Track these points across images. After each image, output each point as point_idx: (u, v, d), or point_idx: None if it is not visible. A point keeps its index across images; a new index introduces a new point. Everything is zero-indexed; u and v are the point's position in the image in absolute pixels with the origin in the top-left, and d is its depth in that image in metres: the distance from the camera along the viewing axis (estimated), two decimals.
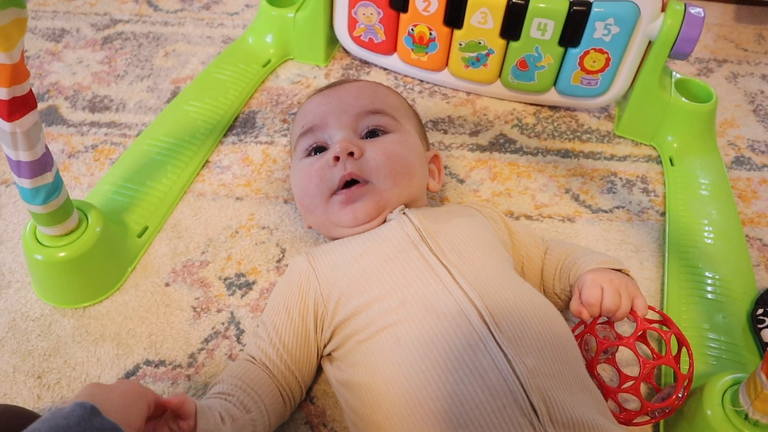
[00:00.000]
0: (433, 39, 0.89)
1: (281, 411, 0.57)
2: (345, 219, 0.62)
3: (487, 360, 0.49)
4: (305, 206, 0.66)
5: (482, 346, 0.50)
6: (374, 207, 0.62)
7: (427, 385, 0.49)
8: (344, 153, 0.62)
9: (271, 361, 0.57)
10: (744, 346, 0.67)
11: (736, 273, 0.74)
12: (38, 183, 0.58)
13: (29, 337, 0.65)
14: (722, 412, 0.54)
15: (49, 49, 1.03)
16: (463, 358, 0.49)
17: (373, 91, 0.70)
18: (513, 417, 0.47)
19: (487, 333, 0.51)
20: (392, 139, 0.65)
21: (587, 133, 0.93)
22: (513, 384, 0.48)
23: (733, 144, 0.93)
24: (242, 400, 0.53)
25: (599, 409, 0.52)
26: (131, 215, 0.75)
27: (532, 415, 0.47)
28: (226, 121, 0.89)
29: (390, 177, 0.62)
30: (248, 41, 1.02)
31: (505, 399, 0.47)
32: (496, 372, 0.49)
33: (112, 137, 0.88)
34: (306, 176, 0.65)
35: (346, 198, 0.62)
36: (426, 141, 0.74)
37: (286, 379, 0.57)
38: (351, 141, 0.63)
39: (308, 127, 0.67)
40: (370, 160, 0.63)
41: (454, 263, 0.56)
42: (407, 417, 0.49)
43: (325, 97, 0.69)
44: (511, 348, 0.50)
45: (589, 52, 0.84)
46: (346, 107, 0.66)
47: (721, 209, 0.81)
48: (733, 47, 1.13)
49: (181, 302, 0.69)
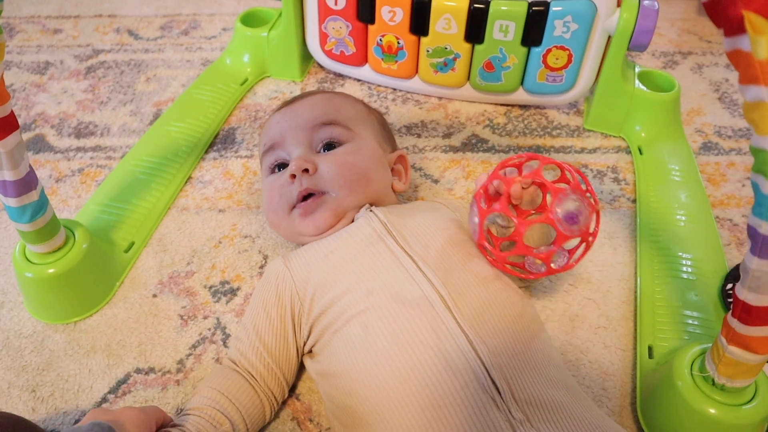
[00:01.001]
0: (401, 47, 0.92)
1: (260, 415, 0.59)
2: (307, 229, 0.66)
3: (450, 341, 0.52)
4: (271, 221, 0.70)
5: (445, 329, 0.52)
6: (332, 215, 0.65)
7: (395, 369, 0.51)
8: (299, 171, 0.66)
9: (251, 363, 0.59)
10: (716, 321, 0.68)
11: (707, 252, 0.76)
12: (24, 201, 0.60)
13: (23, 353, 0.67)
14: (691, 380, 0.55)
15: (34, 81, 1.06)
16: (428, 341, 0.52)
17: (327, 103, 0.73)
18: (476, 395, 0.49)
19: (449, 317, 0.53)
20: (346, 149, 0.68)
21: (557, 128, 0.95)
22: (474, 363, 0.50)
23: (701, 131, 0.96)
24: (212, 415, 0.54)
25: (564, 383, 0.54)
26: (118, 232, 0.77)
27: (495, 393, 0.49)
28: (207, 139, 0.92)
29: (345, 186, 0.66)
30: (226, 62, 1.05)
31: (468, 377, 0.49)
32: (458, 352, 0.51)
33: (98, 160, 0.90)
34: (269, 194, 0.69)
35: (304, 211, 0.66)
36: (391, 143, 0.77)
37: (265, 380, 0.59)
38: (305, 158, 0.67)
39: (269, 144, 0.71)
40: (324, 174, 0.66)
41: (418, 253, 0.59)
42: (379, 401, 0.51)
43: (283, 115, 0.73)
44: (472, 330, 0.52)
45: (551, 49, 0.87)
46: (300, 123, 0.70)
47: (690, 193, 0.83)
48: (696, 39, 1.16)
49: (169, 311, 0.71)
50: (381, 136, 0.74)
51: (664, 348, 0.66)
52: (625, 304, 0.72)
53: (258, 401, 0.58)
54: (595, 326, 0.69)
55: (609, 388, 0.64)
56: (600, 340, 0.68)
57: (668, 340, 0.67)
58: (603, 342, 0.68)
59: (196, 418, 0.54)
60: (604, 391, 0.64)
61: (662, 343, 0.67)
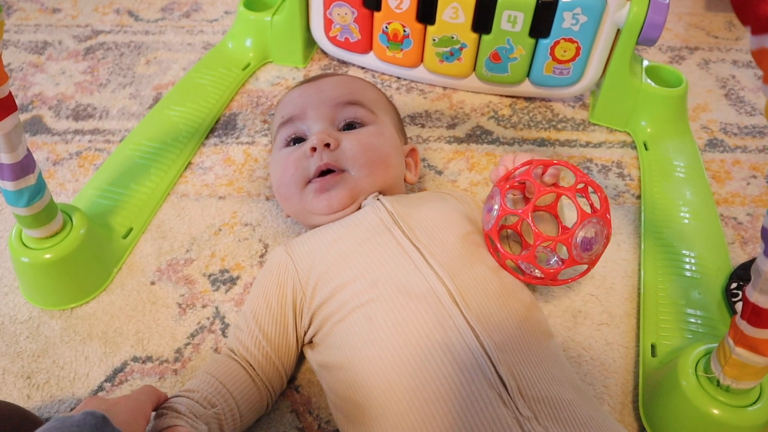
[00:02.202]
0: (407, 36, 0.91)
1: (256, 402, 0.57)
2: (319, 207, 0.64)
3: (456, 336, 0.51)
4: (281, 195, 0.68)
5: (451, 323, 0.51)
6: (348, 194, 0.63)
7: (399, 362, 0.50)
8: (321, 144, 0.64)
9: (250, 352, 0.58)
10: (719, 320, 0.68)
11: (711, 250, 0.75)
12: (21, 185, 0.59)
13: (18, 339, 0.66)
14: (696, 381, 0.55)
15: (32, 61, 1.04)
16: (433, 334, 0.51)
17: (352, 84, 0.72)
18: (482, 390, 0.48)
19: (456, 311, 0.52)
20: (369, 130, 0.67)
21: (562, 122, 0.94)
22: (481, 358, 0.49)
23: (707, 127, 0.95)
24: (206, 396, 0.53)
25: (571, 382, 0.53)
26: (116, 217, 0.76)
27: (501, 389, 0.48)
28: (208, 124, 0.91)
29: (365, 166, 0.64)
30: (228, 46, 1.03)
31: (474, 372, 0.49)
32: (465, 347, 0.50)
33: (96, 144, 0.89)
34: (283, 166, 0.66)
35: (320, 186, 0.63)
36: (404, 135, 0.76)
37: (264, 370, 0.58)
38: (328, 132, 0.65)
39: (288, 117, 0.69)
40: (346, 151, 0.64)
41: (425, 245, 0.57)
42: (383, 394, 0.50)
43: (306, 89, 0.71)
44: (479, 324, 0.51)
45: (559, 42, 0.86)
46: (324, 99, 0.68)
47: (695, 190, 0.83)
48: (704, 35, 1.15)
49: (167, 299, 0.70)
50: (397, 127, 0.73)
51: (667, 346, 0.65)
52: (628, 300, 0.71)
53: (255, 390, 0.57)
54: (598, 323, 0.69)
55: (610, 385, 0.64)
56: (602, 336, 0.68)
57: (671, 338, 0.66)
58: (605, 339, 0.68)
59: (186, 400, 0.52)
60: (606, 388, 0.64)
61: (665, 341, 0.66)
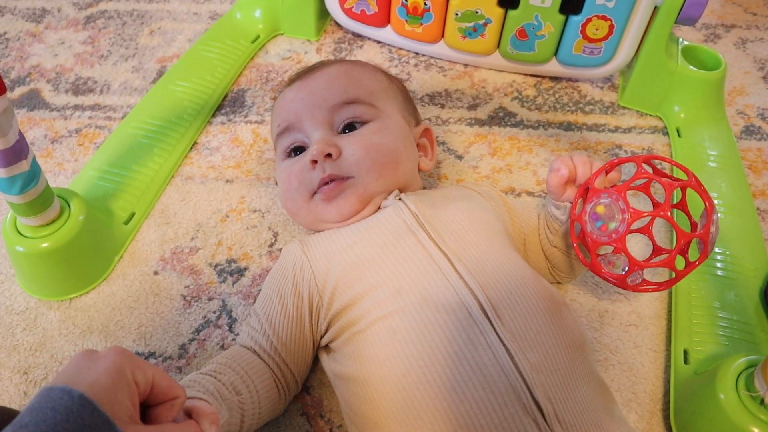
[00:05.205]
0: (427, 9, 0.86)
1: (274, 399, 0.54)
2: (330, 215, 0.61)
3: (488, 355, 0.47)
4: (290, 209, 0.65)
5: (483, 339, 0.48)
6: (358, 200, 0.60)
7: (424, 382, 0.47)
8: (321, 156, 0.60)
9: (266, 353, 0.54)
10: (757, 325, 0.65)
11: (747, 248, 0.72)
12: (13, 172, 0.55)
13: (14, 331, 0.63)
14: (736, 396, 0.52)
15: (29, 30, 0.99)
16: (463, 352, 0.47)
17: (345, 78, 0.66)
18: (516, 416, 0.45)
19: (488, 326, 0.48)
20: (371, 128, 0.62)
21: (590, 104, 0.89)
22: (515, 381, 0.46)
23: (743, 113, 0.90)
24: (232, 381, 0.50)
25: (605, 405, 0.50)
26: (117, 201, 0.72)
27: (537, 414, 0.45)
28: (215, 101, 0.87)
29: (373, 169, 0.60)
30: (236, 17, 0.99)
31: (507, 397, 0.45)
32: (497, 368, 0.46)
33: (97, 120, 0.85)
34: (287, 180, 0.63)
35: (326, 195, 0.60)
36: (415, 115, 0.71)
37: (282, 371, 0.55)
38: (327, 141, 0.61)
39: (284, 126, 0.65)
40: (349, 157, 0.60)
41: (453, 250, 0.53)
42: (404, 415, 0.47)
43: (297, 92, 0.66)
44: (513, 342, 0.48)
45: (591, 19, 0.81)
46: (318, 102, 0.63)
47: (730, 181, 0.79)
48: (741, 11, 1.09)
49: (171, 291, 0.67)
50: (405, 109, 0.68)
51: (701, 353, 0.62)
52: (658, 300, 0.68)
53: (273, 384, 0.54)
54: (626, 323, 0.66)
55: (639, 392, 0.61)
56: (630, 339, 0.65)
57: (705, 344, 0.63)
58: (633, 341, 0.65)
59: (212, 380, 0.48)
60: (634, 395, 0.61)
61: (698, 347, 0.63)
